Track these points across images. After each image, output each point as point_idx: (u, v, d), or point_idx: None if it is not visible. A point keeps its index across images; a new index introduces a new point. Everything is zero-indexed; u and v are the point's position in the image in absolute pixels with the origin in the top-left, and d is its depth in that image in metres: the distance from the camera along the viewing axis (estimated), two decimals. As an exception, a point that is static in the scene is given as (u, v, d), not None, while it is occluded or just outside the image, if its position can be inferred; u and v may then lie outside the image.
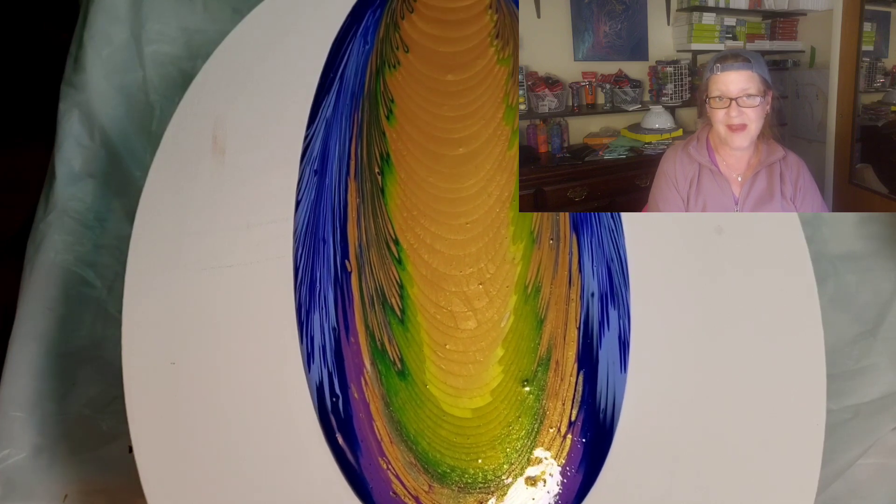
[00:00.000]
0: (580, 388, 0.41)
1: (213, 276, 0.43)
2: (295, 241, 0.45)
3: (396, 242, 0.45)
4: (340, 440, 0.40)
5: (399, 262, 0.45)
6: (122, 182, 0.66)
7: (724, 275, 0.44)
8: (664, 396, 0.41)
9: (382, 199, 0.47)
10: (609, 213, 0.47)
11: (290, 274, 0.44)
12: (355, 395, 0.41)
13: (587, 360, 0.42)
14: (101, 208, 0.65)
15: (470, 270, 0.44)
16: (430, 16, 0.54)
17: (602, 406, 0.41)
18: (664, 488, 0.39)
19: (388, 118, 0.50)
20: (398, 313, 0.43)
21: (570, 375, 0.42)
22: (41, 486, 0.51)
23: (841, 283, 0.59)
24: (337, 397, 0.41)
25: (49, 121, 0.71)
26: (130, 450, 0.43)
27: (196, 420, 0.40)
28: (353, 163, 0.48)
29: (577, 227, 0.46)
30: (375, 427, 0.41)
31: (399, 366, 0.42)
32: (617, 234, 0.46)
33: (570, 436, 0.40)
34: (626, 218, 0.46)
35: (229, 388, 0.40)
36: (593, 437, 0.40)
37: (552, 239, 0.45)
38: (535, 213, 0.47)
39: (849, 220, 0.63)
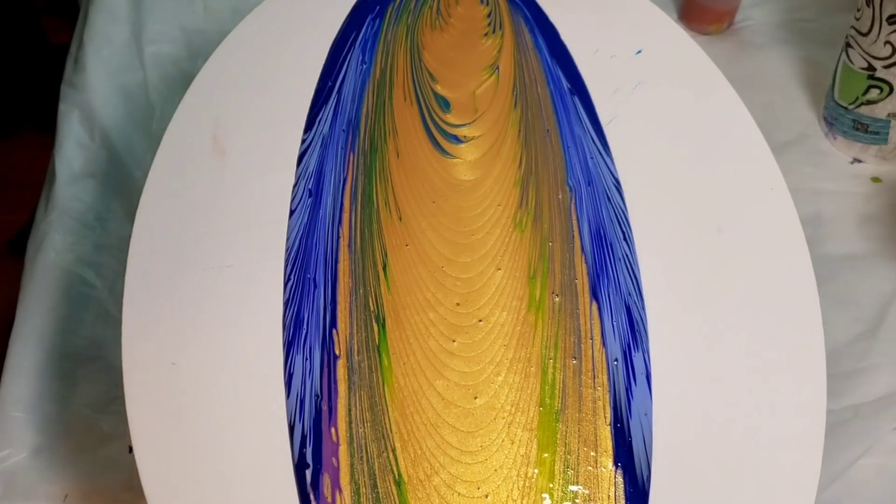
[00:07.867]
0: (622, 492, 0.37)
1: (214, 276, 0.43)
2: (286, 251, 0.43)
3: (394, 454, 0.38)
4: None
5: (398, 483, 0.37)
6: (122, 182, 0.66)
7: (723, 275, 0.44)
8: (675, 405, 0.40)
9: (378, 359, 0.40)
10: (622, 234, 0.43)
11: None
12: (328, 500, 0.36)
13: (622, 447, 0.38)
14: (101, 208, 0.65)
15: None
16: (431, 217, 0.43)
17: (642, 474, 0.37)
18: (664, 485, 0.38)
19: (383, 270, 0.42)
20: None
21: (609, 489, 0.37)
22: (41, 486, 0.51)
23: (841, 283, 0.59)
24: (308, 467, 0.37)
25: (49, 121, 0.71)
26: (130, 450, 0.42)
27: (196, 420, 0.40)
28: (345, 217, 0.44)
29: (595, 289, 0.41)
30: None
31: None
32: (632, 258, 0.43)
33: None
34: (637, 229, 0.44)
35: (230, 388, 0.40)
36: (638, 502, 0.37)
37: (575, 358, 0.39)
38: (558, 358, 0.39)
39: (849, 220, 0.63)
